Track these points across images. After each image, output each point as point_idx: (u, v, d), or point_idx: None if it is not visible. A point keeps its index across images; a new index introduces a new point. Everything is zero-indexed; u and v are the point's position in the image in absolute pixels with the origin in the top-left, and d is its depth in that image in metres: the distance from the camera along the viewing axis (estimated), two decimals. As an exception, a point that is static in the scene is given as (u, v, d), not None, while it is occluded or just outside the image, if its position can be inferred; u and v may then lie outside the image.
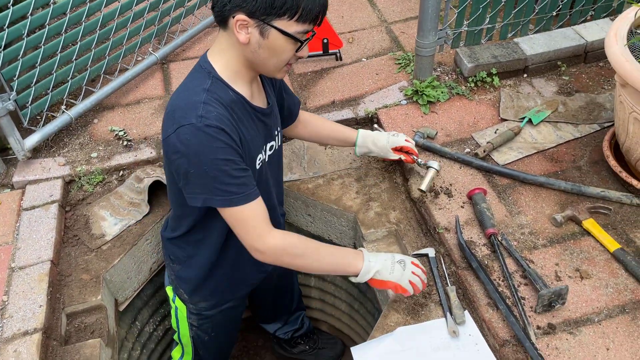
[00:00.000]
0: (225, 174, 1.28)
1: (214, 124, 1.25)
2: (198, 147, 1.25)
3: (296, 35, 1.26)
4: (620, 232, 1.73)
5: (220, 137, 1.26)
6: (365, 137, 1.89)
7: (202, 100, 1.28)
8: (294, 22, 1.24)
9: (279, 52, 1.29)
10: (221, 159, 1.27)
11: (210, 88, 1.32)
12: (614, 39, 1.68)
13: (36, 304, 1.67)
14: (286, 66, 1.36)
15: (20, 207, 1.99)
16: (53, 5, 2.05)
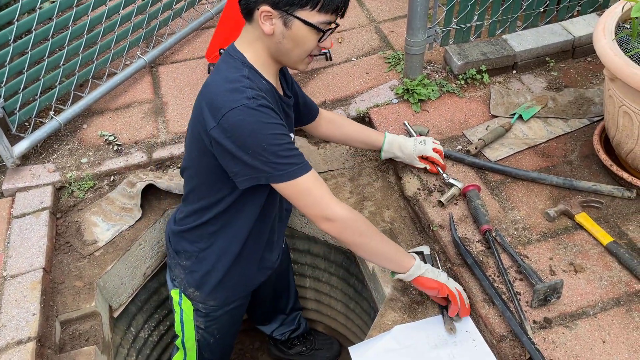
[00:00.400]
0: (284, 148, 1.33)
1: (264, 104, 1.31)
2: (255, 125, 1.28)
3: (318, 25, 1.29)
4: (613, 225, 1.75)
5: (272, 115, 1.32)
6: (392, 143, 1.89)
7: (247, 85, 1.32)
8: (316, 12, 1.28)
9: (302, 42, 1.32)
10: (278, 133, 1.31)
11: (249, 76, 1.36)
12: (602, 33, 1.69)
13: (29, 312, 1.65)
14: (308, 57, 1.39)
15: (11, 214, 1.97)
16: (39, 10, 2.03)
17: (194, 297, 1.73)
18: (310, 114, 1.80)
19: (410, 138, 1.93)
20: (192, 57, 2.72)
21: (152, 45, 2.64)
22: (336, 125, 1.87)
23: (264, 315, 2.27)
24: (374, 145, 1.91)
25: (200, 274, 1.67)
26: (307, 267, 2.51)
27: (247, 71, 1.36)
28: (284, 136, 1.33)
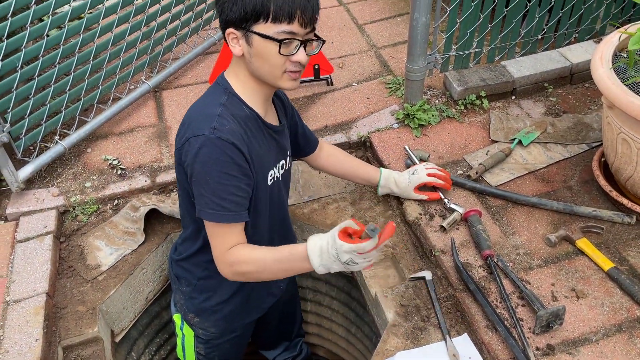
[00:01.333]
0: (224, 189, 1.32)
1: (225, 137, 1.30)
2: (205, 157, 1.30)
3: (274, 36, 1.27)
4: (613, 250, 1.76)
5: (229, 151, 1.30)
6: (388, 178, 1.93)
7: (217, 113, 1.34)
8: (270, 23, 1.27)
9: (266, 57, 1.31)
10: (224, 172, 1.31)
11: (226, 103, 1.37)
12: (600, 62, 1.73)
13: (32, 337, 1.65)
14: (287, 73, 1.35)
15: (14, 239, 1.98)
16: (47, 37, 2.07)
17: (194, 322, 1.73)
18: (309, 146, 1.81)
19: (404, 172, 1.95)
20: (196, 82, 2.76)
21: (157, 71, 2.68)
22: (336, 159, 1.90)
23: (269, 341, 2.26)
24: (370, 181, 1.95)
25: (199, 300, 1.67)
26: (309, 290, 2.51)
27: (225, 98, 1.37)
28: (230, 177, 1.31)
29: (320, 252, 1.31)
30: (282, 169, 1.57)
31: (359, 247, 1.25)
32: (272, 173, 1.51)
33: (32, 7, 1.97)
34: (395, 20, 3.19)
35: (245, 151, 1.34)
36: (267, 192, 1.51)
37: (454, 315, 1.69)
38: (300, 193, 2.17)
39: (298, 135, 1.74)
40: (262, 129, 1.45)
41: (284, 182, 1.61)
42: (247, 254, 1.38)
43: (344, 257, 1.27)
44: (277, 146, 1.52)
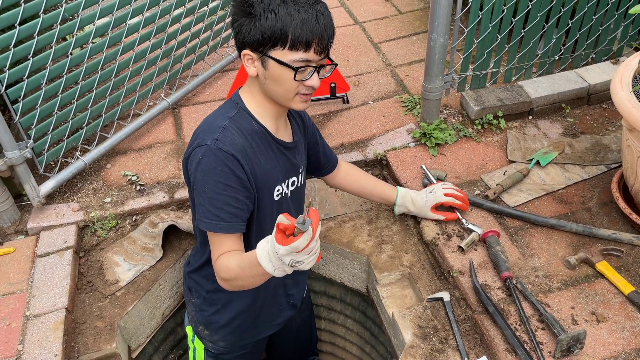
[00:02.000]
0: (221, 199, 1.34)
1: (225, 148, 1.33)
2: (205, 167, 1.33)
3: (290, 64, 1.30)
4: (634, 273, 1.74)
5: (228, 162, 1.33)
6: (404, 197, 1.93)
7: (223, 125, 1.37)
8: (287, 50, 1.29)
9: (281, 81, 1.34)
10: (222, 182, 1.33)
11: (234, 117, 1.40)
12: (620, 85, 1.73)
13: (51, 353, 1.66)
14: (299, 96, 1.38)
15: (35, 253, 2.00)
16: (70, 56, 2.11)
17: (203, 335, 1.73)
18: (328, 165, 1.82)
19: (421, 191, 1.95)
20: (214, 99, 2.79)
21: (175, 88, 2.72)
22: (352, 178, 1.90)
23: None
24: (387, 200, 1.95)
25: (209, 313, 1.67)
26: (323, 308, 2.50)
27: (235, 112, 1.41)
28: (227, 188, 1.33)
29: (269, 257, 1.21)
30: (292, 186, 1.57)
31: (293, 246, 1.13)
32: (280, 189, 1.51)
33: (58, 26, 2.02)
34: (410, 39, 3.22)
35: (245, 164, 1.36)
36: (274, 208, 1.52)
37: (472, 337, 1.68)
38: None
39: (319, 154, 1.75)
40: (271, 144, 1.47)
41: (294, 198, 1.60)
42: (224, 263, 1.38)
43: (286, 260, 1.17)
44: (288, 162, 1.53)
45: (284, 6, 1.26)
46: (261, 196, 1.45)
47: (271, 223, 1.52)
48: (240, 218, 1.40)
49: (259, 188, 1.43)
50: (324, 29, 1.30)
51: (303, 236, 1.12)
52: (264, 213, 1.49)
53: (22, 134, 2.02)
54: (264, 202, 1.47)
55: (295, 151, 1.56)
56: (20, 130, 2.01)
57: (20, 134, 2.04)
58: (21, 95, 1.96)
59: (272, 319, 1.76)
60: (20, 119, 1.99)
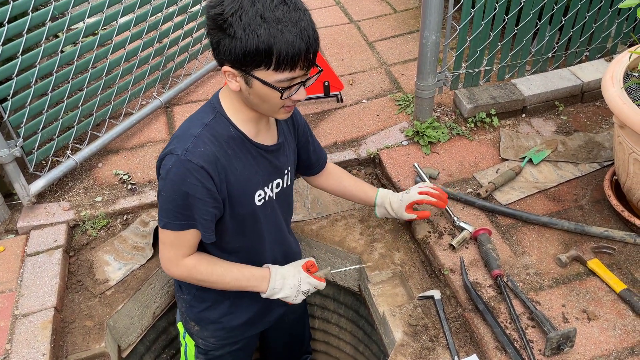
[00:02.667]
0: (186, 208, 1.36)
1: (195, 160, 1.31)
2: (174, 177, 1.33)
3: (275, 85, 1.25)
4: (625, 271, 1.73)
5: (197, 174, 1.32)
6: (383, 198, 1.85)
7: (196, 134, 1.35)
8: (272, 71, 1.23)
9: (266, 99, 1.30)
10: (190, 194, 1.33)
11: (210, 123, 1.38)
12: (611, 82, 1.72)
13: (39, 352, 1.65)
14: (283, 108, 1.35)
15: (24, 252, 1.99)
16: (61, 53, 2.10)
17: (194, 331, 1.72)
18: (319, 163, 1.78)
19: (399, 192, 1.87)
20: (206, 98, 2.77)
21: (168, 87, 2.71)
22: (335, 178, 1.85)
23: (276, 358, 2.24)
24: (368, 201, 1.87)
25: (199, 309, 1.66)
26: (316, 307, 2.49)
27: (211, 117, 1.38)
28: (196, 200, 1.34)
29: (282, 278, 1.55)
30: (277, 188, 1.54)
31: (319, 284, 1.59)
32: (262, 193, 1.48)
33: (48, 24, 2.01)
34: (405, 37, 3.21)
35: (215, 175, 1.34)
36: (258, 213, 1.49)
37: (462, 335, 1.67)
38: (308, 209, 2.17)
39: (310, 152, 1.73)
40: (250, 149, 1.43)
41: (280, 201, 1.58)
42: (207, 269, 1.47)
43: (305, 287, 1.57)
44: (270, 166, 1.49)
45: (266, 26, 1.18)
46: (237, 202, 1.43)
47: (257, 229, 1.53)
48: (205, 227, 1.40)
49: (235, 195, 1.41)
50: (309, 45, 1.23)
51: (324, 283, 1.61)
52: (243, 217, 1.47)
53: (11, 132, 2.01)
54: (244, 207, 1.45)
55: (279, 153, 1.52)
56: (10, 129, 2.00)
57: (9, 133, 2.03)
58: (10, 94, 1.95)
59: (263, 315, 1.75)
60: (10, 117, 1.98)
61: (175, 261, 1.46)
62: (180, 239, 1.41)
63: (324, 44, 3.19)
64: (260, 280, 1.53)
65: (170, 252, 1.45)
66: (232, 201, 1.42)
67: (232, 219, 1.45)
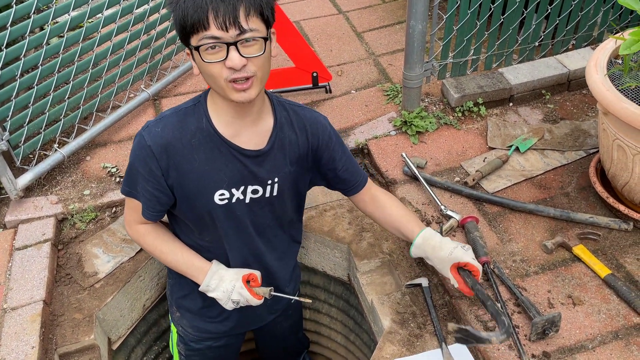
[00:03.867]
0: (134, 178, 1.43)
1: (146, 137, 1.36)
2: (133, 146, 1.41)
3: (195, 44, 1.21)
4: (610, 257, 1.75)
5: (143, 151, 1.37)
6: (427, 239, 1.56)
7: (164, 115, 1.40)
8: (194, 36, 1.21)
9: (204, 69, 1.25)
10: (136, 166, 1.41)
11: (185, 109, 1.39)
12: (595, 69, 1.73)
13: (28, 345, 1.66)
14: (231, 84, 1.25)
15: (13, 246, 1.99)
16: (46, 46, 2.09)
17: (175, 317, 1.72)
18: (350, 188, 1.63)
19: (451, 242, 1.54)
20: (195, 90, 2.77)
21: (156, 79, 2.70)
22: (376, 205, 1.66)
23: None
24: (407, 236, 1.62)
25: (178, 296, 1.67)
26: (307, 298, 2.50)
27: (190, 105, 1.40)
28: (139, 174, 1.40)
29: (219, 279, 1.50)
30: (254, 194, 1.46)
31: (252, 299, 1.50)
32: (226, 193, 1.42)
33: (32, 17, 1.99)
34: (394, 28, 3.21)
35: (163, 159, 1.36)
36: (218, 212, 1.44)
37: (450, 322, 1.68)
38: (297, 200, 2.18)
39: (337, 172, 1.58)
40: (219, 146, 1.38)
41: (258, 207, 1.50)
42: (153, 242, 1.54)
43: (235, 297, 1.49)
44: (245, 169, 1.42)
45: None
46: (194, 195, 1.40)
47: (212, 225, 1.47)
48: (146, 205, 1.44)
49: (191, 186, 1.39)
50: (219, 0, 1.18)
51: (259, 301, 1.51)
52: (200, 213, 1.44)
53: (-3, 126, 2.00)
54: (201, 201, 1.42)
55: (262, 161, 1.43)
56: (-5, 123, 1.99)
57: (-5, 126, 2.02)
58: (-5, 87, 1.94)
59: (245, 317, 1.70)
60: (-5, 111, 1.97)
61: (129, 223, 1.55)
62: (130, 204, 1.50)
63: (313, 34, 3.18)
64: (198, 272, 1.51)
65: (127, 214, 1.54)
66: (187, 192, 1.40)
67: (188, 210, 1.44)
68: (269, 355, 2.22)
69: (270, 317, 1.78)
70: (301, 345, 2.25)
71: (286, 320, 1.94)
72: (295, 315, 2.04)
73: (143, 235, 1.54)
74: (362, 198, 1.65)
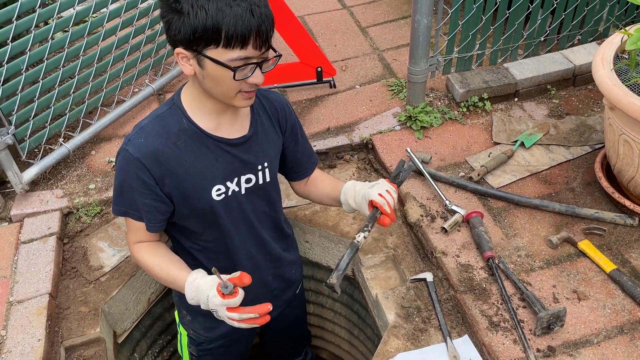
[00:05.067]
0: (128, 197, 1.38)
1: (131, 151, 1.32)
2: (118, 164, 1.37)
3: (228, 63, 1.20)
4: (616, 252, 1.75)
5: (132, 164, 1.32)
6: (347, 191, 1.57)
7: (142, 125, 1.36)
8: (222, 49, 1.19)
9: (220, 80, 1.24)
10: (127, 183, 1.36)
11: (162, 114, 1.37)
12: (601, 63, 1.72)
13: (35, 338, 1.66)
14: (241, 94, 1.28)
15: (19, 240, 1.99)
16: (51, 40, 2.09)
17: (186, 321, 1.72)
18: (299, 171, 1.65)
19: (366, 183, 1.55)
20: (199, 85, 2.77)
21: (160, 74, 2.70)
22: (319, 185, 1.68)
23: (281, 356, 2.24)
24: (335, 197, 1.62)
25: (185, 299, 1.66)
26: (311, 292, 2.51)
27: (165, 109, 1.37)
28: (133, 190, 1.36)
29: (196, 290, 1.35)
30: (248, 183, 1.46)
31: (228, 302, 1.28)
32: (222, 188, 1.42)
33: (37, 11, 1.99)
34: (398, 23, 3.20)
35: (154, 168, 1.33)
36: (218, 208, 1.43)
37: (455, 316, 1.69)
38: (302, 195, 2.18)
39: (297, 154, 1.60)
40: (206, 142, 1.37)
41: (254, 197, 1.50)
42: (145, 258, 1.46)
43: (211, 306, 1.31)
44: (236, 160, 1.42)
45: (214, 1, 1.15)
46: (192, 196, 1.39)
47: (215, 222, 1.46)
48: (147, 218, 1.40)
49: (188, 188, 1.38)
50: (261, 22, 1.19)
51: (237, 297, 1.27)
52: (201, 212, 1.43)
53: (3, 120, 2.00)
54: (200, 201, 1.41)
55: (248, 147, 1.44)
56: (1, 116, 1.99)
57: (1, 120, 2.02)
58: (1, 81, 1.94)
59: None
60: (1, 105, 1.97)
61: (129, 245, 1.50)
62: (129, 224, 1.45)
63: (317, 29, 3.18)
64: (181, 287, 1.40)
65: (127, 236, 1.51)
66: (185, 194, 1.39)
67: (190, 213, 1.43)
68: (272, 349, 2.22)
69: (279, 310, 1.78)
70: (304, 339, 2.26)
71: (291, 311, 1.94)
72: (299, 307, 2.05)
73: (140, 253, 1.46)
74: (308, 183, 1.68)
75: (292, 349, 2.22)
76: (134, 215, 1.41)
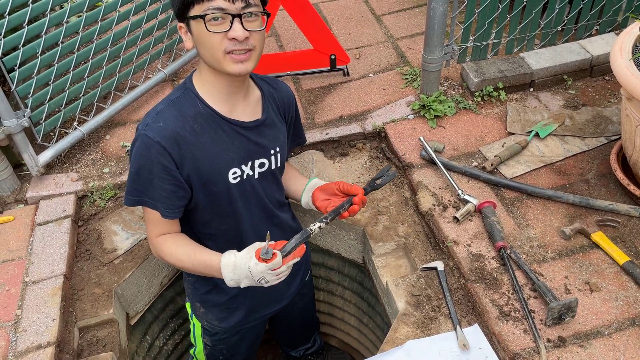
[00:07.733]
0: (145, 183, 1.37)
1: (152, 135, 1.32)
2: (136, 151, 1.35)
3: (200, 14, 1.24)
4: (629, 244, 1.74)
5: (153, 149, 1.32)
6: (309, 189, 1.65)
7: (159, 110, 1.36)
8: (197, 6, 1.25)
9: (204, 39, 1.27)
10: (147, 168, 1.34)
11: (176, 99, 1.38)
12: (619, 53, 1.70)
13: (49, 317, 1.69)
14: (229, 56, 1.28)
15: (34, 222, 2.02)
16: (66, 24, 2.10)
17: (199, 313, 1.73)
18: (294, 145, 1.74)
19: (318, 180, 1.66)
20: (212, 71, 2.77)
21: (172, 59, 2.70)
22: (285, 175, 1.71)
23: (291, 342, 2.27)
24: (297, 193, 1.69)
25: (202, 291, 1.67)
26: (321, 280, 2.52)
27: (179, 94, 1.39)
28: (153, 174, 1.35)
29: (233, 268, 1.36)
30: (261, 167, 1.50)
31: (273, 264, 1.30)
32: (238, 171, 1.44)
33: (53, -5, 2.00)
34: (413, 11, 3.17)
35: (175, 151, 1.33)
36: (234, 191, 1.46)
37: (465, 305, 1.69)
38: (314, 182, 2.18)
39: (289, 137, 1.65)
40: (222, 125, 1.40)
41: (266, 181, 1.53)
42: (169, 249, 1.45)
43: (257, 276, 1.33)
44: (249, 143, 1.44)
45: None
46: (208, 179, 1.41)
47: (230, 206, 1.47)
48: (166, 204, 1.39)
49: (205, 171, 1.39)
50: None
51: (279, 256, 1.31)
52: (217, 195, 1.44)
53: (19, 102, 2.02)
54: (216, 184, 1.42)
55: (261, 130, 1.47)
56: (17, 99, 2.01)
57: (17, 103, 2.04)
58: (17, 64, 1.96)
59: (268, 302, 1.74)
60: (17, 88, 1.99)
61: (150, 240, 1.48)
62: (148, 215, 1.43)
63: (332, 17, 3.16)
64: (217, 271, 1.40)
65: (147, 231, 1.49)
66: (203, 178, 1.40)
67: (205, 197, 1.43)
68: (282, 336, 2.25)
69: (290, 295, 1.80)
70: (313, 326, 2.27)
71: (301, 299, 1.95)
72: (308, 294, 2.06)
73: (161, 245, 1.45)
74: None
75: (301, 336, 2.23)
76: (148, 203, 1.39)
